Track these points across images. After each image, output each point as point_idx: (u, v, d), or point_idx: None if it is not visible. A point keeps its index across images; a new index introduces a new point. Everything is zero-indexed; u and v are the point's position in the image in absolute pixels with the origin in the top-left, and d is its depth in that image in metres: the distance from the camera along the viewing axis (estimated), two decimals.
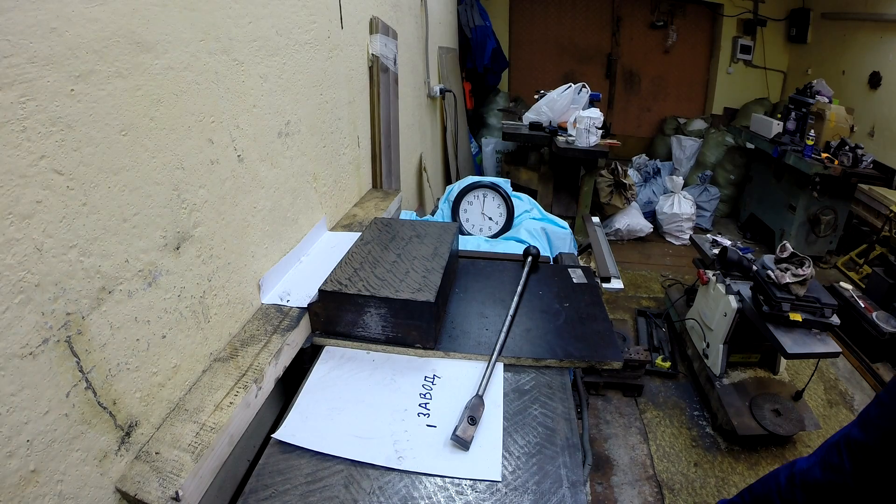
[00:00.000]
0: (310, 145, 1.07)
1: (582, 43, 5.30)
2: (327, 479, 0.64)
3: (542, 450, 0.68)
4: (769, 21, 4.94)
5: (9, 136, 0.42)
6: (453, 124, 3.21)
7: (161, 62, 0.60)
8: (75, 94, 0.48)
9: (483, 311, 0.96)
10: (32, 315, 0.46)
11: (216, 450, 0.62)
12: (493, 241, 1.46)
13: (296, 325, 0.83)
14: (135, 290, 0.58)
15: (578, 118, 2.93)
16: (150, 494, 0.55)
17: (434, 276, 0.88)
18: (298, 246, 1.02)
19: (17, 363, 0.44)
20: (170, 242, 0.64)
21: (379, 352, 0.86)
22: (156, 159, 0.60)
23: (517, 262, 1.16)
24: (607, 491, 1.77)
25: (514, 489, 0.63)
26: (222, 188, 0.75)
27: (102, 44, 0.51)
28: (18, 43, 0.43)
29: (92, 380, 0.52)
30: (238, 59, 0.77)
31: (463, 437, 0.68)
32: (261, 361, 0.74)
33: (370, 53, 1.45)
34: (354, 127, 1.36)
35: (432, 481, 0.64)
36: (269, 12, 0.86)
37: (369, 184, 1.55)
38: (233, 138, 0.77)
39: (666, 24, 5.13)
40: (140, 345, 0.59)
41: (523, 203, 1.65)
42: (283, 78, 0.93)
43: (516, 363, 0.84)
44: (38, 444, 0.46)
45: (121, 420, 0.56)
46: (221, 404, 0.66)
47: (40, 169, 0.46)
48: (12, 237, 0.43)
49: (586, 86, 3.25)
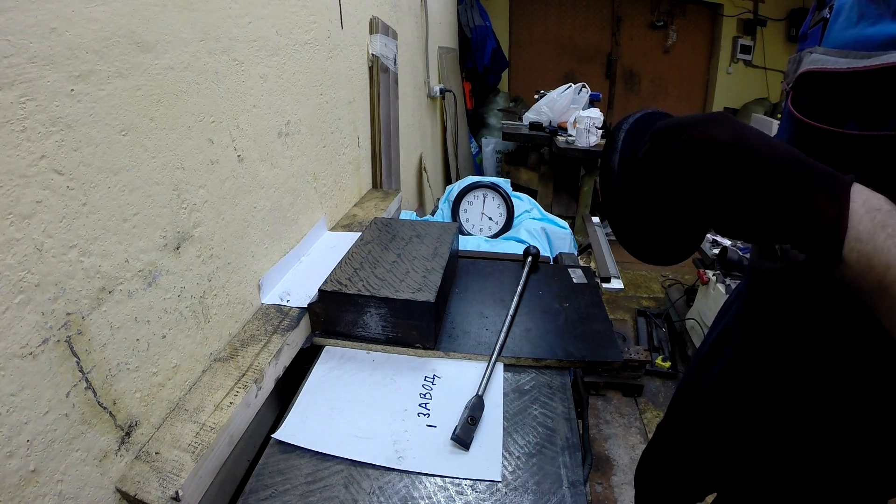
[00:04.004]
0: (310, 145, 1.07)
1: (582, 43, 5.29)
2: (327, 479, 0.64)
3: (542, 450, 0.68)
4: (769, 21, 4.94)
5: (9, 136, 0.42)
6: (453, 124, 3.21)
7: (161, 62, 0.60)
8: (75, 94, 0.48)
9: (483, 311, 0.96)
10: (32, 315, 0.46)
11: (216, 450, 0.62)
12: (493, 241, 1.46)
13: (296, 325, 0.83)
14: (135, 290, 0.58)
15: (578, 118, 2.94)
16: (150, 494, 0.55)
17: (434, 276, 0.88)
18: (298, 246, 1.02)
19: (17, 363, 0.44)
20: (170, 242, 0.64)
21: (379, 352, 0.86)
22: (156, 159, 0.60)
23: (517, 262, 1.16)
24: (607, 491, 1.77)
25: (514, 489, 0.63)
26: (222, 188, 0.75)
27: (102, 44, 0.51)
28: (18, 43, 0.43)
29: (92, 380, 0.52)
30: (238, 59, 0.77)
31: (463, 437, 0.68)
32: (261, 361, 0.74)
33: (370, 53, 1.45)
34: (354, 127, 1.36)
35: (432, 481, 0.64)
36: (269, 12, 0.86)
37: (369, 184, 1.55)
38: (233, 138, 0.77)
39: (666, 24, 5.13)
40: (140, 345, 0.59)
41: (523, 203, 1.65)
42: (283, 78, 0.93)
43: (516, 363, 0.84)
44: (38, 444, 0.46)
45: (121, 420, 0.56)
46: (221, 404, 0.66)
47: (40, 169, 0.46)
48: (12, 237, 0.43)
49: (586, 86, 3.25)
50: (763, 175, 0.40)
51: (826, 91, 0.59)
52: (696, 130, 0.43)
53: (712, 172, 0.42)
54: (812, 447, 0.71)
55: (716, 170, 0.42)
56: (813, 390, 0.68)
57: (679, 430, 1.05)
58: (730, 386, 0.84)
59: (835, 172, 0.41)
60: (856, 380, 0.63)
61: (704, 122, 0.43)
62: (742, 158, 0.41)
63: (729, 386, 0.85)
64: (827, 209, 0.39)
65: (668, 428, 1.10)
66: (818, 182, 0.40)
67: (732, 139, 0.41)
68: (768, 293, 0.74)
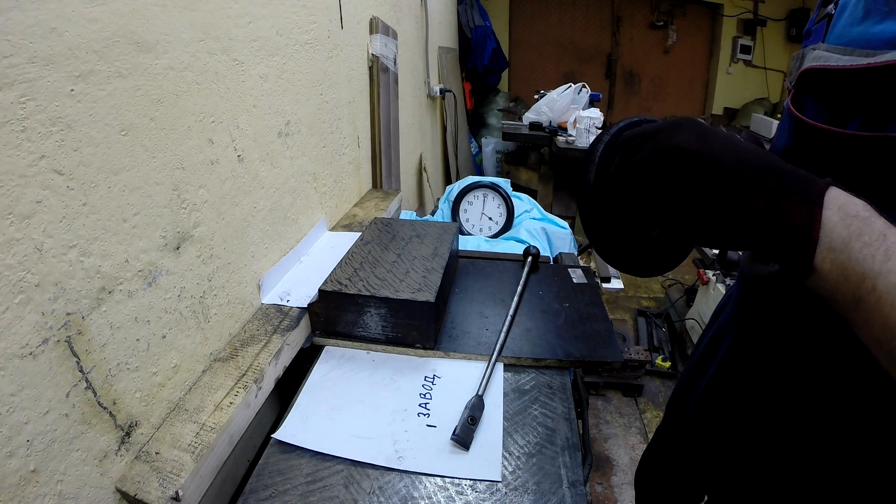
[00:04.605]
0: (310, 145, 1.07)
1: (582, 43, 5.30)
2: (327, 479, 0.64)
3: (542, 450, 0.68)
4: (769, 21, 4.94)
5: (9, 136, 0.42)
6: (453, 124, 3.21)
7: (161, 62, 0.60)
8: (75, 94, 0.48)
9: (483, 311, 0.96)
10: (32, 315, 0.46)
11: (216, 450, 0.62)
12: (493, 241, 1.46)
13: (296, 325, 0.83)
14: (135, 290, 0.58)
15: (578, 118, 2.94)
16: (150, 494, 0.55)
17: (434, 276, 0.88)
18: (298, 246, 1.02)
19: (17, 363, 0.44)
20: (170, 242, 0.64)
21: (379, 352, 0.86)
22: (156, 159, 0.60)
23: (517, 262, 1.16)
24: (607, 491, 1.77)
25: (514, 489, 0.63)
26: (222, 188, 0.75)
27: (102, 44, 0.51)
28: (18, 43, 0.43)
29: (92, 380, 0.52)
30: (238, 59, 0.77)
31: (463, 437, 0.68)
32: (261, 361, 0.74)
33: (370, 53, 1.45)
34: (354, 127, 1.36)
35: (432, 481, 0.64)
36: (269, 12, 0.86)
37: (369, 184, 1.55)
38: (233, 138, 0.77)
39: (666, 24, 5.13)
40: (140, 345, 0.59)
41: (523, 203, 1.65)
42: (283, 78, 0.93)
43: (516, 363, 0.84)
44: (38, 444, 0.46)
45: (121, 420, 0.56)
46: (221, 404, 0.66)
47: (40, 169, 0.46)
48: (12, 237, 0.43)
49: (586, 86, 3.26)
50: (728, 182, 0.38)
51: (828, 89, 0.57)
52: (659, 138, 0.42)
53: (677, 181, 0.40)
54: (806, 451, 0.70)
55: (680, 178, 0.40)
56: (806, 395, 0.68)
57: (676, 433, 1.05)
58: (722, 390, 0.84)
59: (810, 176, 0.39)
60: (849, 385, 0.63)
61: (667, 130, 0.42)
62: (706, 166, 0.39)
63: (721, 390, 0.84)
64: (797, 216, 0.37)
65: (666, 431, 1.10)
66: (789, 188, 0.38)
67: (696, 146, 0.40)
68: (760, 298, 0.73)
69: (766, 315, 0.72)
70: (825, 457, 0.68)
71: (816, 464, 0.69)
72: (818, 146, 0.57)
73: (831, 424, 0.66)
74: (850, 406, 0.63)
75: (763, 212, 0.38)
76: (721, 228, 0.40)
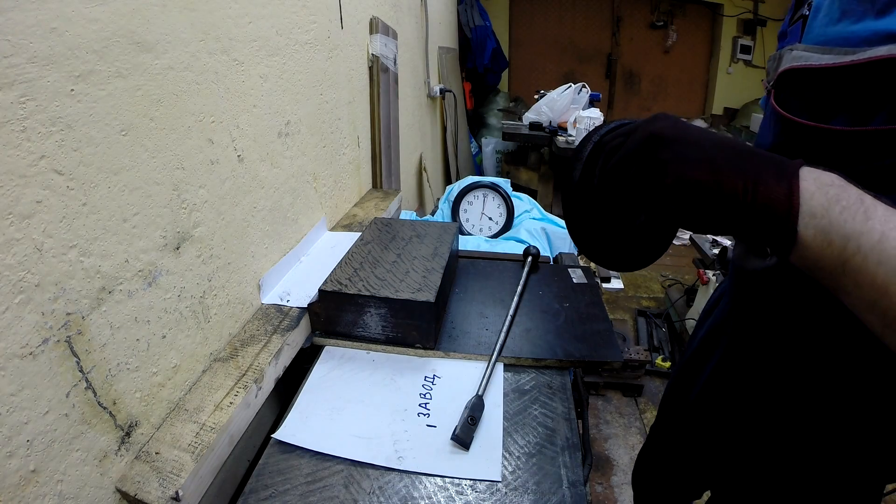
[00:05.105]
0: (310, 145, 1.07)
1: (582, 43, 5.30)
2: (327, 479, 0.64)
3: (542, 450, 0.68)
4: (769, 21, 4.94)
5: (9, 136, 0.42)
6: (453, 124, 3.21)
7: (161, 62, 0.60)
8: (75, 94, 0.48)
9: (483, 311, 0.96)
10: (32, 315, 0.46)
11: (216, 450, 0.62)
12: (493, 241, 1.46)
13: (296, 325, 0.83)
14: (135, 290, 0.58)
15: (578, 118, 2.94)
16: (150, 494, 0.55)
17: (434, 276, 0.88)
18: (298, 246, 1.02)
19: (17, 363, 0.44)
20: (170, 242, 0.64)
21: (379, 352, 0.86)
22: (156, 159, 0.60)
23: (517, 262, 1.16)
24: (607, 491, 1.77)
25: (514, 489, 0.63)
26: (222, 188, 0.75)
27: (102, 44, 0.51)
28: (18, 43, 0.43)
29: (92, 380, 0.52)
30: (238, 59, 0.77)
31: (463, 437, 0.68)
32: (261, 361, 0.74)
33: (370, 53, 1.45)
34: (354, 127, 1.36)
35: (432, 481, 0.64)
36: (269, 12, 0.86)
37: (369, 184, 1.55)
38: (233, 138, 0.77)
39: (666, 24, 5.13)
40: (140, 345, 0.59)
41: (523, 203, 1.65)
42: (283, 78, 0.93)
43: (516, 363, 0.84)
44: (38, 444, 0.46)
45: (121, 420, 0.56)
46: (221, 404, 0.66)
47: (40, 169, 0.46)
48: (12, 237, 0.43)
49: (586, 86, 3.26)
50: (708, 162, 0.40)
51: (810, 88, 0.59)
52: (639, 131, 0.44)
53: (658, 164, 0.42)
54: (804, 444, 0.71)
55: (661, 160, 0.42)
56: (805, 388, 0.68)
57: (673, 430, 1.05)
58: (724, 385, 0.84)
59: (782, 157, 0.41)
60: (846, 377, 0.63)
61: (645, 123, 0.44)
62: (685, 146, 0.41)
63: (723, 385, 0.84)
64: (777, 189, 0.38)
65: (661, 429, 1.10)
66: (766, 166, 0.39)
67: (673, 131, 0.42)
68: (756, 293, 0.73)
69: (762, 310, 0.72)
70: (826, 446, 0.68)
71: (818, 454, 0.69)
72: (804, 143, 0.59)
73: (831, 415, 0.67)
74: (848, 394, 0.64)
75: (743, 189, 0.39)
76: (704, 208, 0.41)
